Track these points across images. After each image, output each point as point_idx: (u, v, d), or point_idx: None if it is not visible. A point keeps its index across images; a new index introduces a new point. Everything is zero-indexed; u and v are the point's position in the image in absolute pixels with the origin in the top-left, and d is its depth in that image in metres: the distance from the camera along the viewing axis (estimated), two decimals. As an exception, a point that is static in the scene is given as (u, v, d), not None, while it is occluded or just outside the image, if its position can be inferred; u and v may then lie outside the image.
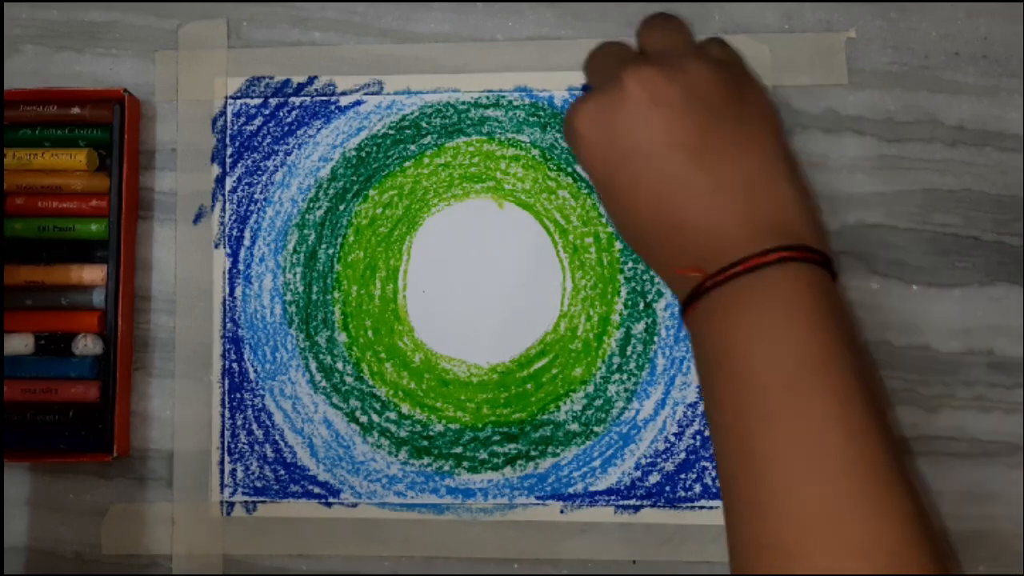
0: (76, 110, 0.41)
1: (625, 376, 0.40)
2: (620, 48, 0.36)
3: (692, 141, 0.32)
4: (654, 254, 0.34)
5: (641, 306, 0.41)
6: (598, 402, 0.40)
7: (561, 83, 0.42)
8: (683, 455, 0.40)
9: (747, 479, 0.29)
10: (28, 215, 0.41)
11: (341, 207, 0.42)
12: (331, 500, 0.41)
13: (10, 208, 0.41)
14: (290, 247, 0.42)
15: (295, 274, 0.42)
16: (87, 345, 0.40)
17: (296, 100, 0.42)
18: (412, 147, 0.42)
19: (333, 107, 0.42)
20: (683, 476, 0.40)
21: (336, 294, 0.42)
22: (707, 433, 0.40)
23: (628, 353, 0.41)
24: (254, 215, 0.42)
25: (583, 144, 0.34)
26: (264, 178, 0.42)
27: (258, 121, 0.42)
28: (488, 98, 0.42)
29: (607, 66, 0.34)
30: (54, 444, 0.40)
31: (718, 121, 0.32)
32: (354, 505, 0.41)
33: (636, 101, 0.32)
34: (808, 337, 0.30)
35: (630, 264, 0.41)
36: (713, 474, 0.40)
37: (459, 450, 0.41)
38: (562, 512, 0.40)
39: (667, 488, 0.40)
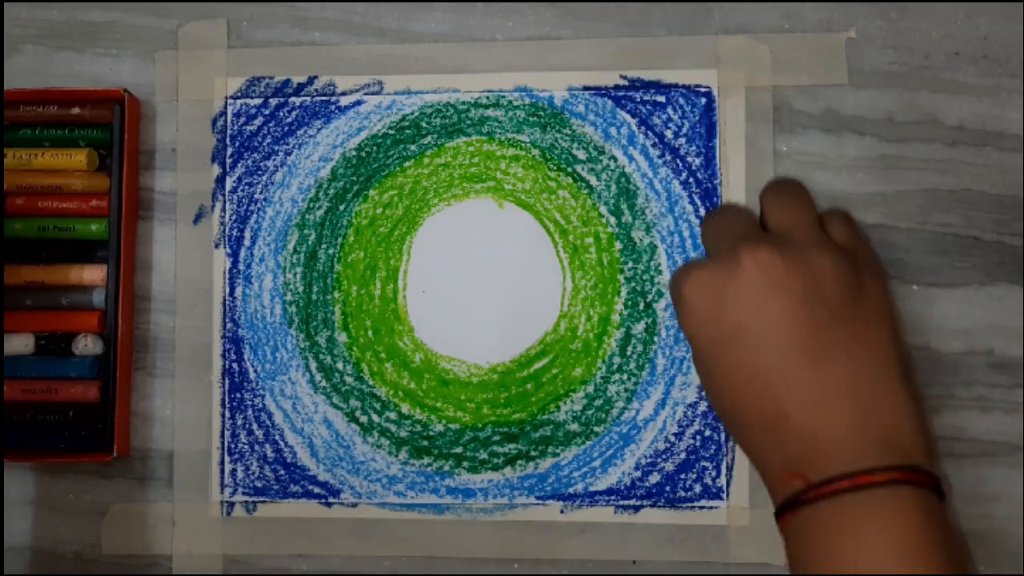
0: (76, 110, 0.40)
1: (625, 376, 0.40)
2: (741, 216, 0.34)
3: (805, 335, 0.31)
4: (750, 442, 0.32)
5: (641, 306, 0.40)
6: (598, 402, 0.40)
7: (561, 83, 0.41)
8: (683, 455, 0.40)
9: None
10: (28, 215, 0.41)
11: (341, 207, 0.41)
12: (331, 500, 0.40)
13: (10, 208, 0.41)
14: (290, 247, 0.41)
15: (295, 274, 0.41)
16: (87, 345, 0.40)
17: (296, 100, 0.42)
18: (412, 147, 0.41)
19: (333, 107, 0.42)
20: (683, 476, 0.39)
21: (336, 294, 0.41)
22: (707, 433, 0.40)
23: (628, 353, 0.40)
24: (254, 215, 0.42)
25: (688, 312, 0.32)
26: (264, 178, 0.42)
27: (258, 121, 0.42)
28: (488, 98, 0.41)
29: (726, 235, 0.33)
30: (54, 444, 0.40)
31: (834, 318, 0.31)
32: (354, 505, 0.40)
33: (751, 281, 0.31)
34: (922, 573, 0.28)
35: (630, 264, 0.40)
36: (713, 474, 0.39)
37: (459, 450, 0.40)
38: (562, 512, 0.40)
39: (667, 488, 0.39)
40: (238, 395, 0.41)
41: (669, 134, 0.41)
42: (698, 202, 0.40)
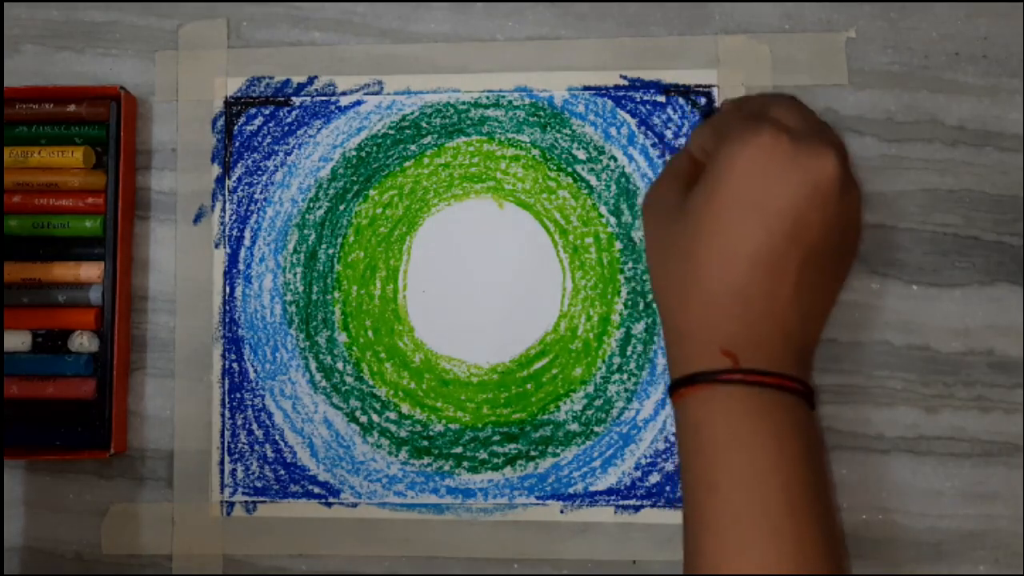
0: (72, 107, 0.38)
1: (625, 376, 0.37)
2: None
3: (816, 239, 0.30)
4: (695, 306, 0.31)
5: (641, 306, 0.37)
6: (598, 402, 0.37)
7: (561, 83, 0.38)
8: (683, 455, 0.36)
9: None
10: (24, 212, 0.38)
11: (341, 207, 0.38)
12: (331, 500, 0.37)
13: (6, 205, 0.38)
14: (290, 247, 0.38)
15: (295, 274, 0.38)
16: (83, 343, 0.37)
17: (296, 100, 0.38)
18: (412, 147, 0.38)
19: (333, 107, 0.38)
20: (683, 476, 0.36)
21: (336, 294, 0.38)
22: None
23: (628, 353, 0.37)
24: (254, 215, 0.38)
25: (739, 171, 0.30)
26: (264, 178, 0.38)
27: (258, 121, 0.38)
28: (488, 98, 0.38)
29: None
30: (51, 441, 0.38)
31: (833, 242, 0.31)
32: (354, 505, 0.37)
33: (798, 170, 0.30)
34: (795, 470, 0.30)
35: (630, 264, 0.37)
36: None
37: (459, 450, 0.37)
38: (562, 512, 0.36)
39: (667, 488, 0.36)
40: (238, 395, 0.38)
41: (669, 134, 0.37)
42: (698, 202, 0.37)
